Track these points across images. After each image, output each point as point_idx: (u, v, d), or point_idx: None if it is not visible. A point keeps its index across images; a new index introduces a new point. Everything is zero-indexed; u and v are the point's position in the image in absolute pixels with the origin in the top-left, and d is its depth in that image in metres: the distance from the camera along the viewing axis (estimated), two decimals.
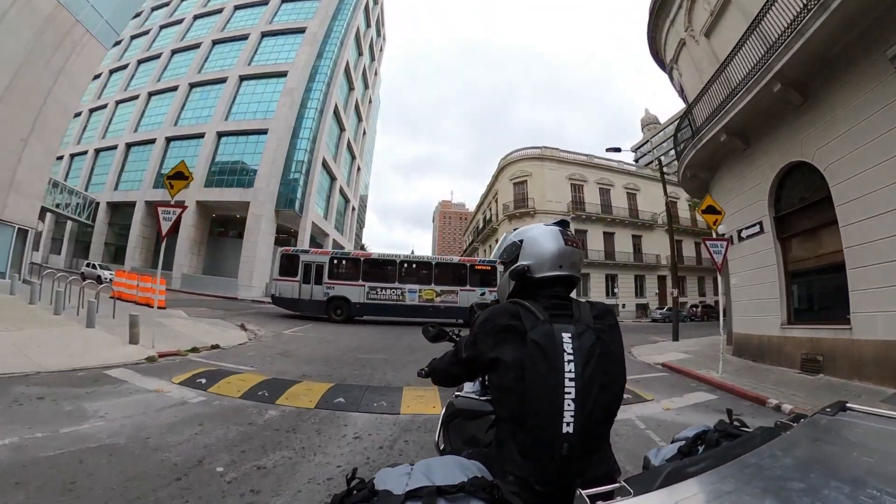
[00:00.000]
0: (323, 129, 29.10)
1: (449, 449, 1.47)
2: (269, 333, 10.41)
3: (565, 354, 0.93)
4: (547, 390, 0.91)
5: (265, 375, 5.45)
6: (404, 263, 15.62)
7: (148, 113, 35.44)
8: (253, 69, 31.46)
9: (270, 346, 8.52)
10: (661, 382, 6.80)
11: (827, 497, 0.55)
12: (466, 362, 1.14)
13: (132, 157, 34.45)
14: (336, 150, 33.84)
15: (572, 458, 0.91)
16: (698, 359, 9.06)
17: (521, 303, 1.03)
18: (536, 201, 27.46)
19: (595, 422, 0.94)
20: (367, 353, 8.31)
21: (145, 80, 37.18)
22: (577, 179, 29.09)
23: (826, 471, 0.65)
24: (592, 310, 1.06)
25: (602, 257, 28.12)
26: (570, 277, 1.13)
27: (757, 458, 0.69)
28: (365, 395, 4.71)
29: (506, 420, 1.02)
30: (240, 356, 7.07)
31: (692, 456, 0.97)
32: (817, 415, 0.87)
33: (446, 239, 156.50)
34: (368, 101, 45.63)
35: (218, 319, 11.89)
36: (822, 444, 0.76)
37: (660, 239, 32.78)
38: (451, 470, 0.81)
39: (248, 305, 20.07)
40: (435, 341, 1.82)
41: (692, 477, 0.65)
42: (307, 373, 5.94)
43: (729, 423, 1.07)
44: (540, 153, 28.36)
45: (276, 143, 26.64)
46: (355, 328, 12.87)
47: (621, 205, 30.37)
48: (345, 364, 6.80)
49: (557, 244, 1.11)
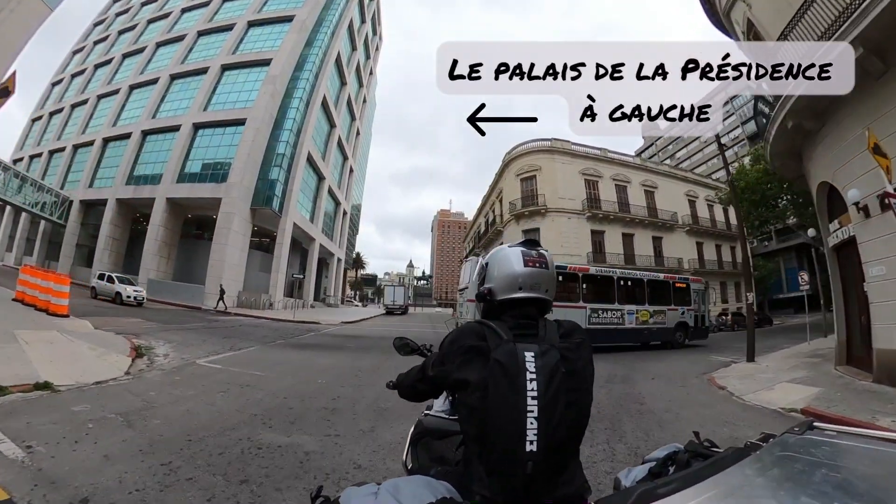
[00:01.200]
0: (309, 121, 26.07)
1: (417, 467, 1.42)
2: (172, 362, 7.04)
3: (527, 373, 0.92)
4: (509, 409, 0.90)
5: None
6: (621, 280, 13.40)
7: (128, 107, 32.88)
8: (236, 58, 28.69)
9: (139, 392, 5.08)
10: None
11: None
12: (433, 380, 1.13)
13: (109, 152, 31.70)
14: (325, 148, 30.77)
15: (538, 477, 0.89)
16: (833, 392, 5.98)
17: (488, 323, 1.03)
18: (548, 198, 24.06)
19: (560, 440, 0.92)
20: (312, 421, 4.24)
21: (128, 74, 34.75)
22: (591, 175, 25.70)
23: (795, 488, 0.67)
24: (559, 328, 1.04)
25: (622, 261, 24.52)
26: (535, 300, 1.09)
27: (728, 478, 0.69)
28: None
29: (472, 439, 1.00)
30: (44, 415, 3.82)
31: (663, 477, 0.96)
32: (786, 434, 0.89)
33: (445, 249, 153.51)
34: (363, 100, 42.78)
35: (121, 338, 8.40)
36: (791, 462, 0.76)
37: (681, 241, 29.22)
38: (419, 490, 0.80)
39: (206, 318, 16.70)
40: (407, 355, 1.78)
41: (663, 497, 0.64)
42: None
43: (699, 444, 1.06)
44: (550, 146, 25.03)
45: (255, 134, 23.56)
46: (306, 355, 9.37)
47: (639, 203, 26.85)
48: (234, 463, 2.97)
49: (517, 266, 1.09)
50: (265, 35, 29.91)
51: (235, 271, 21.93)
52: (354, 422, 4.26)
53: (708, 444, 1.06)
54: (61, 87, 40.74)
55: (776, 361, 10.14)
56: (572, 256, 22.86)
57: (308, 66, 27.42)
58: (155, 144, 28.86)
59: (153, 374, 6.17)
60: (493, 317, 1.08)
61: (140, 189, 27.09)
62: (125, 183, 27.93)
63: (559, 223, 23.43)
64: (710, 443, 1.07)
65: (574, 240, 23.52)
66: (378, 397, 5.13)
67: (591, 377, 1.03)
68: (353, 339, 12.77)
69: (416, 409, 1.79)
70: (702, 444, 1.06)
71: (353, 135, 39.92)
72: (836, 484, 0.64)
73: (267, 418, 4.23)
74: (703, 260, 30.84)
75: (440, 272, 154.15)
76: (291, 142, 24.63)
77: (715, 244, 33.20)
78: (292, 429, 3.93)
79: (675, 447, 1.08)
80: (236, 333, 11.84)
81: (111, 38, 39.80)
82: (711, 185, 35.32)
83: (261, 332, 12.89)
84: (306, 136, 25.73)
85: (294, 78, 26.90)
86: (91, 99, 35.64)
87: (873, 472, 0.68)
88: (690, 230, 30.26)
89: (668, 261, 27.48)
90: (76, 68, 40.57)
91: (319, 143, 29.49)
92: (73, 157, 33.95)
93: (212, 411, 4.47)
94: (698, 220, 30.89)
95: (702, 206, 32.55)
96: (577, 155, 25.45)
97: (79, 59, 41.73)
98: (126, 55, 36.62)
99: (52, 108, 39.40)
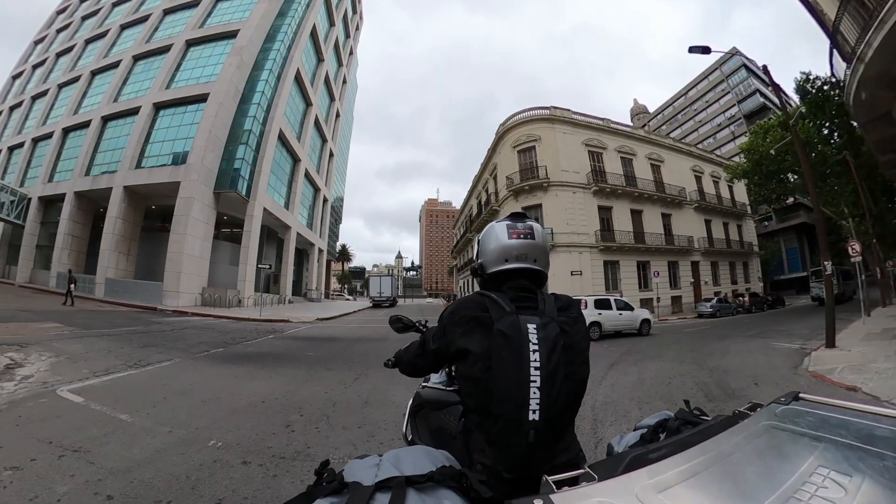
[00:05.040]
0: (280, 95, 22.28)
1: (416, 439, 1.41)
2: (19, 392, 4.41)
3: (531, 345, 0.90)
4: (513, 379, 0.89)
5: None
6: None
7: (90, 93, 28.84)
8: (202, 32, 24.75)
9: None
10: None
11: (780, 479, 0.57)
12: (434, 353, 1.10)
13: (69, 143, 27.71)
14: (301, 128, 26.92)
15: (538, 446, 0.89)
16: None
17: (489, 294, 1.00)
18: (549, 171, 20.34)
19: (559, 410, 0.91)
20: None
21: (91, 60, 30.67)
22: (595, 146, 22.15)
23: (780, 455, 0.68)
24: (557, 302, 1.03)
25: (632, 240, 21.10)
26: (525, 270, 1.08)
27: (716, 445, 0.70)
28: None
29: (473, 409, 0.99)
30: None
31: (654, 443, 0.94)
32: (772, 404, 0.89)
33: (433, 238, 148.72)
34: (343, 80, 38.64)
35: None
36: (776, 430, 0.77)
37: (690, 218, 25.94)
38: (420, 460, 0.78)
39: (153, 320, 13.12)
40: (402, 332, 1.65)
41: (654, 462, 0.65)
42: None
43: (688, 412, 1.05)
44: (549, 114, 21.39)
45: (218, 109, 19.77)
46: (235, 375, 5.92)
47: (646, 177, 23.43)
48: None
49: (502, 239, 1.08)
50: (233, 7, 25.94)
51: (197, 264, 18.23)
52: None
53: (697, 412, 1.06)
54: (22, 79, 36.40)
55: (859, 345, 8.13)
56: (579, 235, 19.47)
57: (280, 37, 23.59)
58: (115, 130, 24.95)
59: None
60: (491, 288, 1.06)
61: (98, 180, 23.20)
62: (84, 174, 24.09)
63: (563, 198, 19.99)
64: (699, 411, 1.06)
65: (580, 216, 20.12)
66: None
67: (586, 350, 1.01)
68: (319, 343, 9.26)
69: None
70: (691, 412, 1.06)
71: (332, 116, 35.96)
72: (818, 452, 0.65)
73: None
74: (712, 239, 27.63)
75: (429, 262, 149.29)
76: (260, 118, 20.85)
77: (723, 222, 30.03)
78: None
79: (665, 414, 1.08)
80: (169, 339, 8.52)
81: (74, 24, 35.52)
82: (717, 161, 32.19)
83: (205, 336, 9.43)
84: (277, 111, 21.93)
85: (264, 49, 23.08)
86: (52, 89, 31.50)
87: (852, 441, 0.68)
88: (699, 207, 26.99)
89: (678, 239, 24.18)
90: (38, 59, 36.26)
91: (294, 121, 25.63)
92: (33, 152, 29.89)
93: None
94: (705, 197, 27.60)
95: (707, 182, 29.32)
96: (580, 124, 21.84)
97: (41, 49, 37.39)
98: (89, 40, 32.51)
99: (13, 102, 35.10)
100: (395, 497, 0.65)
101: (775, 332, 11.69)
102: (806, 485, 0.56)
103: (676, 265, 23.63)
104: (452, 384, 1.46)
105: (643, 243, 21.75)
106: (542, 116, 21.44)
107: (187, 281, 17.47)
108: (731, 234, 30.75)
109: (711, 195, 28.68)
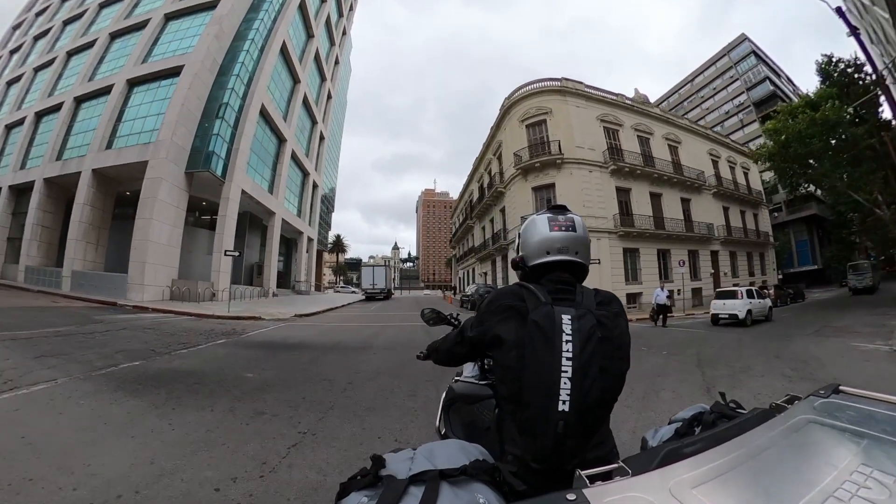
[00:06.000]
0: (263, 68, 19.98)
1: (450, 433, 1.39)
2: None
3: (564, 335, 0.88)
4: (544, 368, 0.87)
5: None
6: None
7: (65, 74, 26.62)
8: (182, 3, 22.43)
9: None
10: None
11: (818, 477, 0.54)
12: (471, 341, 1.09)
13: (42, 128, 25.49)
14: (287, 107, 24.54)
15: (568, 437, 0.86)
16: None
17: (526, 285, 1.00)
18: (563, 146, 17.78)
19: (592, 403, 0.88)
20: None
21: (68, 41, 28.46)
22: (610, 122, 19.48)
23: (818, 452, 0.65)
24: (597, 296, 1.00)
25: (651, 225, 18.76)
26: (567, 263, 1.04)
27: (752, 439, 0.67)
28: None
29: (506, 399, 0.98)
30: None
31: (689, 437, 0.91)
32: (811, 397, 0.84)
33: (431, 229, 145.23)
34: (335, 61, 36.06)
35: None
36: (815, 425, 0.72)
37: (708, 204, 23.66)
38: (454, 453, 0.77)
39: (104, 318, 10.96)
40: (434, 325, 1.72)
41: (689, 457, 0.62)
42: None
43: (724, 405, 1.02)
44: (560, 86, 18.97)
45: (192, 81, 17.49)
46: (112, 419, 3.78)
47: (664, 157, 21.09)
48: None
49: (543, 231, 1.05)
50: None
51: (165, 254, 15.95)
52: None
53: (734, 405, 1.02)
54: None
55: None
56: (597, 219, 17.18)
57: (265, 6, 21.25)
58: (88, 111, 22.73)
59: None
60: (531, 281, 1.04)
61: (68, 164, 20.97)
62: (54, 159, 21.87)
63: (578, 177, 17.63)
64: (735, 404, 1.03)
65: (598, 197, 17.78)
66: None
67: (627, 346, 0.98)
68: (277, 353, 6.82)
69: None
70: (727, 405, 1.02)
71: (323, 97, 33.35)
72: (860, 449, 0.61)
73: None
74: (731, 227, 25.33)
75: (426, 253, 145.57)
76: (240, 91, 18.56)
77: (740, 210, 27.76)
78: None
79: (701, 407, 1.05)
80: (86, 346, 6.38)
81: (53, 6, 33.26)
82: (733, 146, 29.92)
83: (138, 340, 7.26)
84: (259, 84, 19.63)
85: (247, 20, 20.79)
86: (27, 73, 29.28)
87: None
88: (717, 193, 24.72)
89: (697, 226, 21.89)
90: (15, 44, 34.00)
91: (279, 98, 23.24)
92: (6, 139, 27.68)
93: None
94: (722, 183, 25.32)
95: (724, 167, 27.03)
96: (593, 98, 19.42)
97: (19, 34, 35.11)
98: (67, 21, 30.26)
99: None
100: (429, 490, 0.64)
101: (836, 330, 9.61)
102: (846, 483, 0.52)
103: (696, 254, 21.29)
104: (485, 378, 1.41)
105: (663, 229, 19.40)
106: (552, 88, 19.05)
107: (153, 272, 15.21)
108: (748, 223, 28.53)
109: (728, 181, 26.39)
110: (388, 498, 0.62)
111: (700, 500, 0.50)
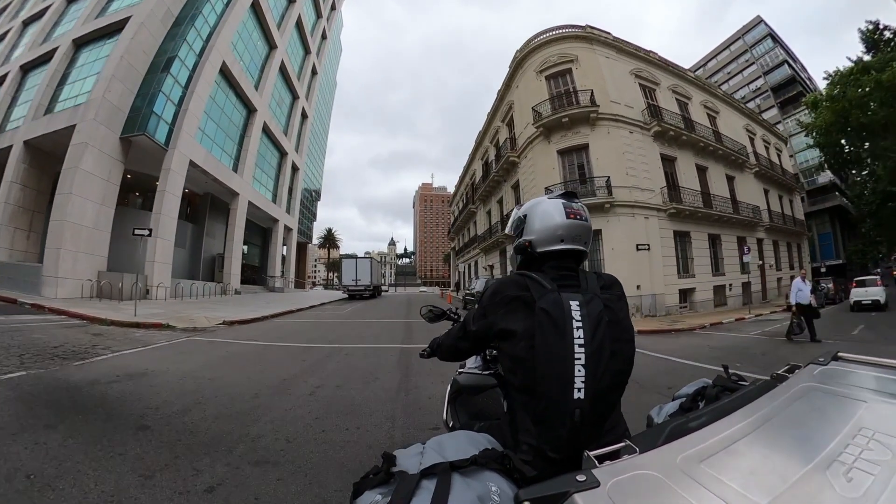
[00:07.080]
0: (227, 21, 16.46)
1: (457, 425, 1.35)
2: None
3: (574, 322, 0.86)
4: (557, 357, 0.85)
5: None
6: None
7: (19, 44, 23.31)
8: None
9: None
10: None
11: (823, 442, 0.55)
12: (476, 335, 1.05)
13: None
14: (261, 73, 20.92)
15: (584, 425, 0.85)
16: None
17: (529, 274, 0.97)
18: (597, 97, 13.83)
19: (606, 388, 0.87)
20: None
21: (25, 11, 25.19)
22: (646, 80, 15.77)
23: (821, 417, 0.66)
24: (599, 280, 0.99)
25: (700, 202, 15.05)
26: (575, 251, 1.03)
27: (756, 410, 0.68)
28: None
29: (518, 390, 0.94)
30: None
31: (693, 411, 0.93)
32: (811, 365, 0.84)
33: (428, 224, 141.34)
34: (322, 35, 32.40)
35: None
36: (816, 392, 0.73)
37: (751, 185, 20.15)
38: (462, 444, 0.77)
39: None
40: (435, 321, 1.71)
41: (694, 431, 0.63)
42: None
43: (727, 378, 1.03)
44: (584, 32, 15.27)
45: (137, 30, 14.05)
46: None
47: (705, 124, 17.45)
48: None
49: (558, 218, 1.02)
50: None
51: (89, 238, 12.38)
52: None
53: (736, 377, 1.02)
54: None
55: None
56: (643, 191, 13.51)
57: None
58: (35, 79, 19.46)
59: None
60: (532, 269, 1.02)
61: (2, 138, 17.67)
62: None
63: (617, 137, 13.85)
64: (737, 376, 1.02)
65: (641, 164, 13.97)
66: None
67: (631, 329, 0.97)
68: (65, 419, 3.30)
69: None
70: (730, 378, 1.02)
71: (307, 71, 29.61)
72: (861, 413, 0.62)
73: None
74: (772, 213, 21.70)
75: (424, 249, 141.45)
76: (197, 47, 15.06)
77: (778, 194, 24.14)
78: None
79: (703, 382, 1.05)
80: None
81: None
82: (766, 125, 26.32)
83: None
84: (222, 38, 16.10)
85: None
86: None
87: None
88: (758, 173, 21.15)
89: (742, 208, 18.29)
90: None
91: (249, 61, 19.62)
92: None
93: None
94: (761, 161, 21.71)
95: (760, 146, 23.45)
96: (624, 51, 15.83)
97: None
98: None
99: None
100: (441, 482, 0.64)
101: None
102: (850, 447, 0.53)
103: (744, 242, 17.55)
104: (488, 368, 1.40)
105: (711, 209, 15.73)
106: (575, 34, 15.36)
107: (72, 262, 11.68)
108: (786, 210, 24.91)
109: (766, 160, 22.77)
110: (402, 493, 0.62)
111: (709, 474, 0.49)
